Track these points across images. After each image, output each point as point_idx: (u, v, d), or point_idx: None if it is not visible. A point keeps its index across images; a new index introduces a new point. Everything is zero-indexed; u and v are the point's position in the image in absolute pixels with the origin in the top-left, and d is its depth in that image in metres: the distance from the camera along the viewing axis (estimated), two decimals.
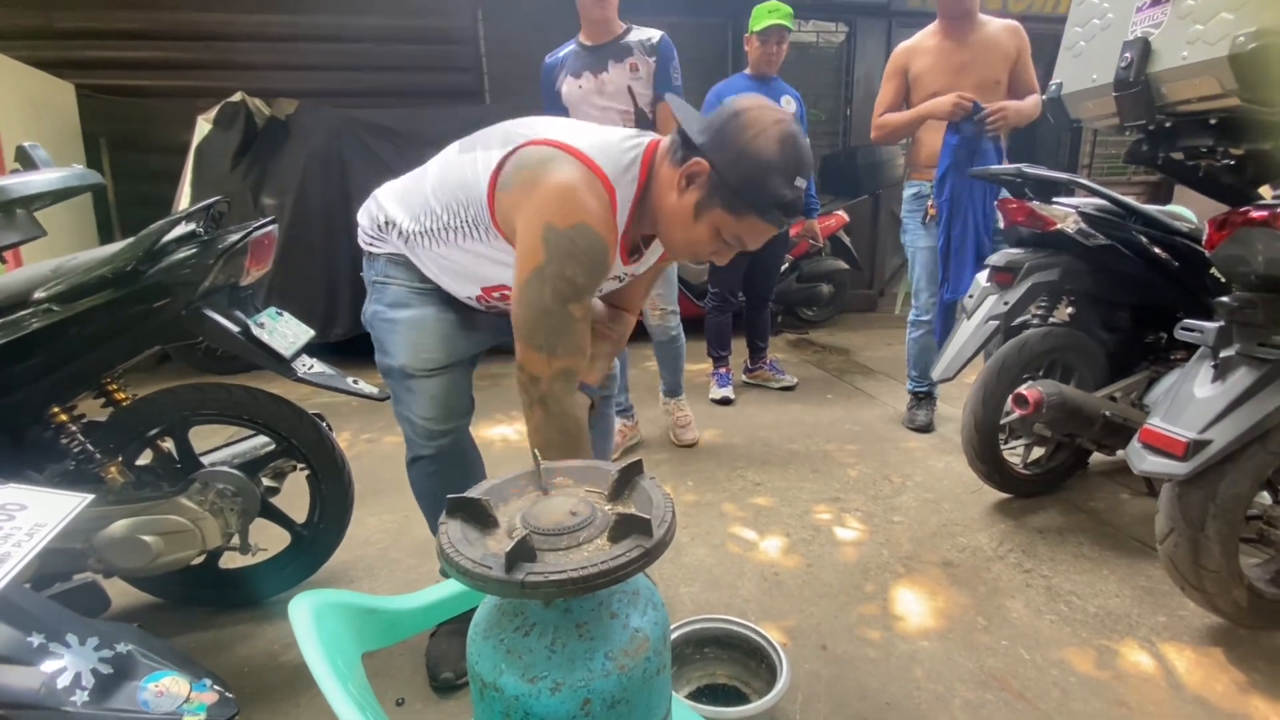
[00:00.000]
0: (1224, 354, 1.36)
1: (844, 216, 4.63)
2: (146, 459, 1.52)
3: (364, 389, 1.56)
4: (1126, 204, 1.95)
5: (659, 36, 2.28)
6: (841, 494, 2.25)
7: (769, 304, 3.52)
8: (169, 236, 1.34)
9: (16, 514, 0.66)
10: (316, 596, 0.81)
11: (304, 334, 1.55)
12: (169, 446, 1.52)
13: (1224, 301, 1.37)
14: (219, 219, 1.48)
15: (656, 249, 1.30)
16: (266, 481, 1.59)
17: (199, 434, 1.52)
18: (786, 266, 4.46)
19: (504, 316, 1.32)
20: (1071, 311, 2.21)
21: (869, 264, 5.58)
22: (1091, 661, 1.44)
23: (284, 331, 1.50)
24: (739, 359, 3.51)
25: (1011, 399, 1.89)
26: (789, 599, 1.67)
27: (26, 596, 0.71)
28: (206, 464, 1.50)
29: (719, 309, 3.24)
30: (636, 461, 0.82)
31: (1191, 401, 1.36)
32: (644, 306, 2.15)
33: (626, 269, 1.27)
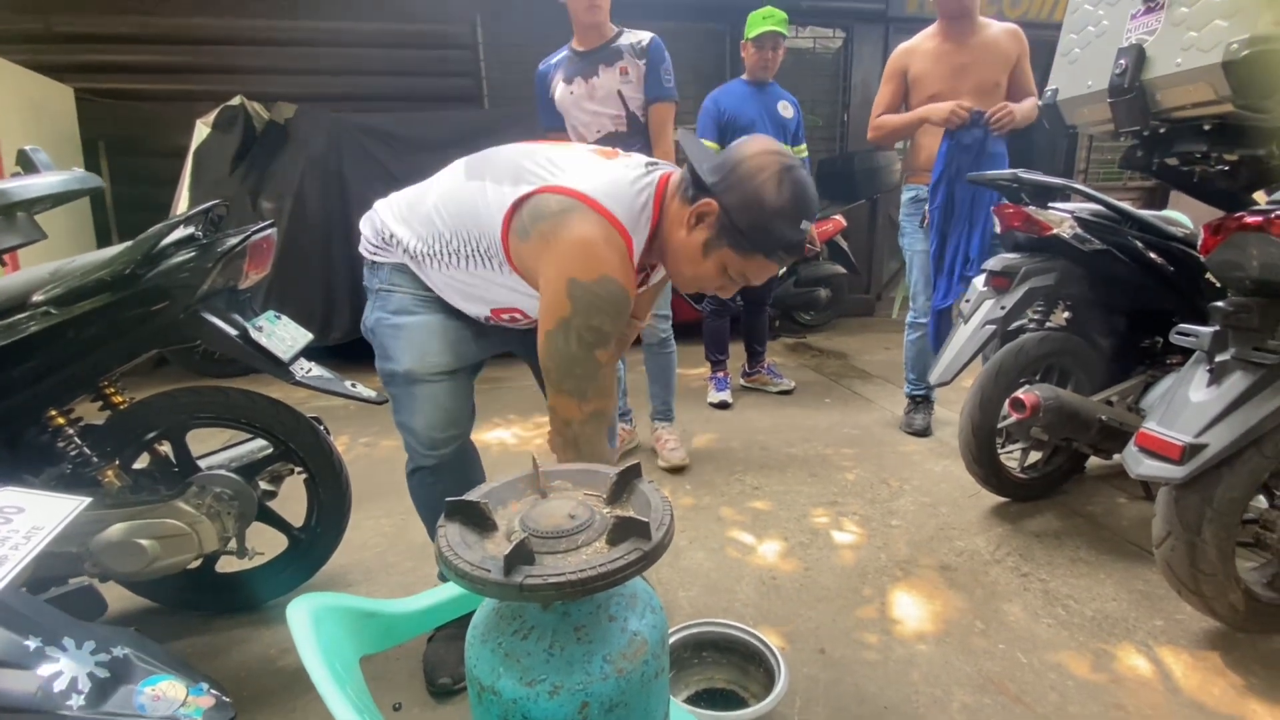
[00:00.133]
0: (1219, 358, 1.37)
1: (841, 221, 4.64)
2: (143, 462, 1.52)
3: (362, 392, 1.56)
4: (1122, 209, 1.95)
5: (649, 39, 2.28)
6: (839, 498, 2.25)
7: (767, 308, 3.53)
8: (168, 240, 1.34)
9: (14, 517, 0.66)
10: (314, 599, 0.81)
11: (302, 337, 1.55)
12: (166, 450, 1.52)
13: (1219, 306, 1.37)
14: (218, 222, 1.48)
15: (663, 268, 1.31)
16: (264, 485, 1.59)
17: (196, 437, 1.52)
18: (784, 271, 4.48)
19: (512, 330, 1.35)
20: (1068, 316, 2.22)
21: (866, 268, 5.59)
22: (1089, 665, 1.44)
23: (282, 335, 1.50)
24: (737, 363, 3.52)
25: (1009, 403, 1.89)
26: (787, 603, 1.67)
27: (23, 600, 0.71)
28: (204, 467, 1.50)
29: (717, 313, 3.25)
30: (635, 465, 0.82)
31: (1187, 406, 1.37)
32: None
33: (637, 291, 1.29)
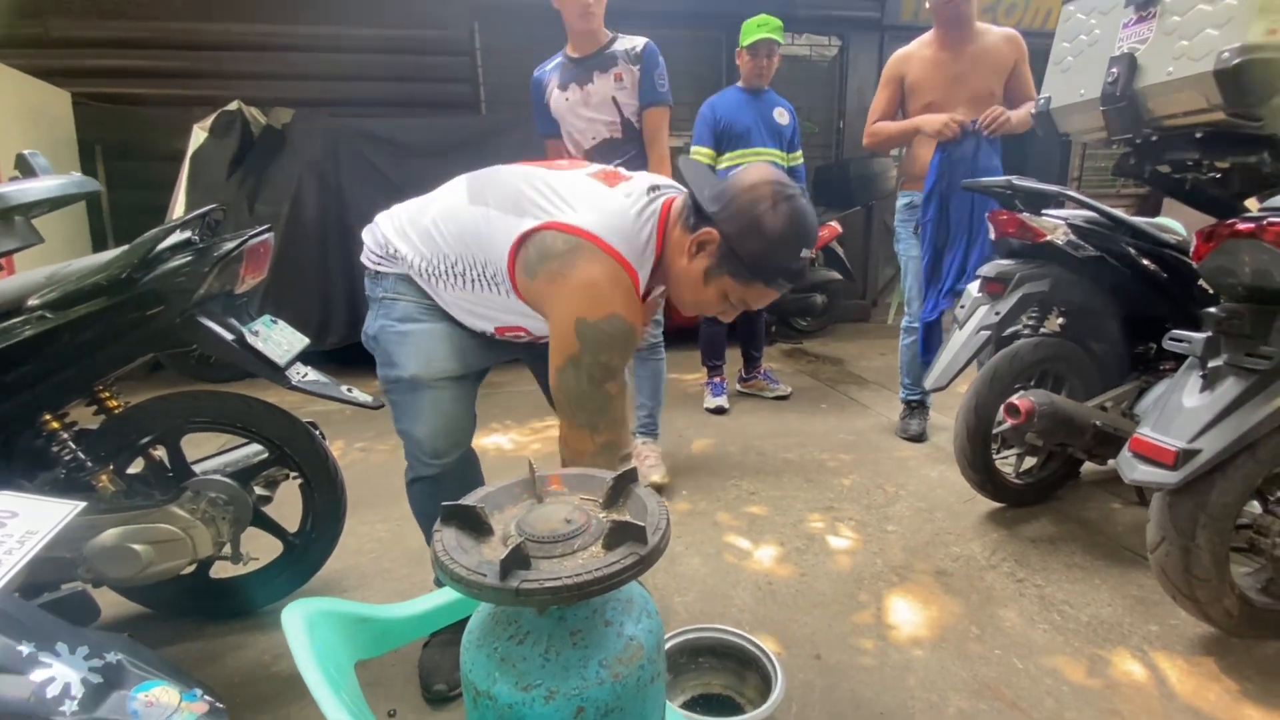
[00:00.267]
0: (1212, 364, 1.37)
1: (837, 228, 4.67)
2: (138, 467, 1.51)
3: (358, 397, 1.56)
4: (1115, 216, 1.97)
5: (643, 44, 2.27)
6: (835, 503, 2.25)
7: (763, 314, 3.54)
8: (164, 244, 1.34)
9: (8, 521, 0.65)
10: (309, 605, 0.81)
11: (298, 342, 1.55)
12: (161, 455, 1.51)
13: (1211, 312, 1.38)
14: (214, 227, 1.48)
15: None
16: (259, 490, 1.58)
17: (191, 442, 1.52)
18: None
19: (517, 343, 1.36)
20: (1062, 322, 2.23)
21: (862, 274, 5.62)
22: (1084, 670, 1.44)
23: (279, 339, 1.50)
24: (733, 368, 3.52)
25: (1004, 408, 1.90)
26: (783, 608, 1.67)
27: (16, 605, 0.70)
28: (199, 472, 1.49)
29: (713, 319, 3.25)
30: (631, 469, 0.82)
31: (1180, 411, 1.38)
32: None
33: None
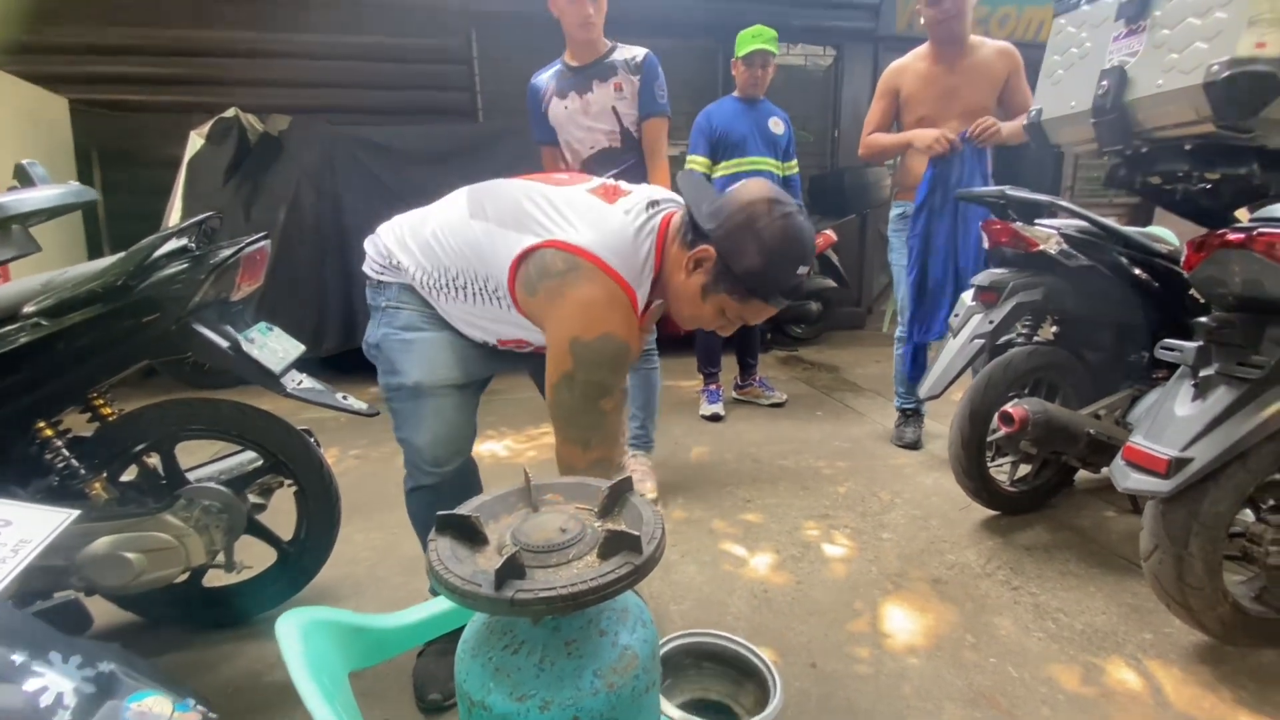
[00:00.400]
0: (1203, 373, 1.38)
1: (832, 236, 4.68)
2: (131, 475, 1.50)
3: (353, 405, 1.56)
4: (1106, 226, 1.98)
5: (643, 55, 2.26)
6: (831, 510, 2.26)
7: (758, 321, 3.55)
8: (160, 251, 1.34)
9: (2, 530, 0.65)
10: (303, 614, 0.81)
11: (294, 349, 1.55)
12: (155, 462, 1.51)
13: (1203, 322, 1.39)
14: (211, 234, 1.48)
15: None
16: (253, 498, 1.57)
17: (185, 449, 1.51)
18: None
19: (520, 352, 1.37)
20: (1056, 330, 2.24)
21: (857, 282, 5.64)
22: (1079, 679, 1.45)
23: (274, 347, 1.50)
24: (729, 375, 3.53)
25: (998, 416, 1.90)
26: (778, 616, 1.67)
27: (9, 613, 0.70)
28: (193, 480, 1.49)
29: None
30: (627, 478, 0.82)
31: (1172, 420, 1.38)
32: None
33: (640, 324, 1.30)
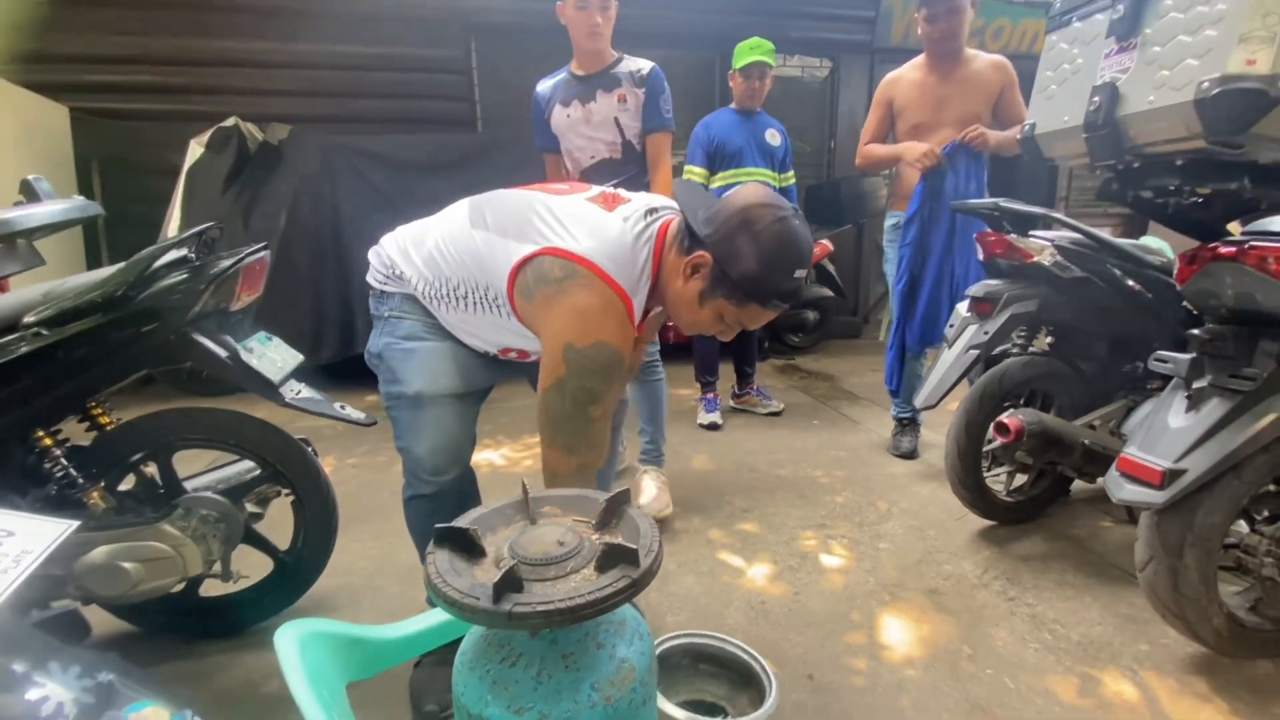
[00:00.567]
0: (1197, 385, 1.39)
1: (828, 245, 4.71)
2: (129, 484, 1.50)
3: (351, 414, 1.56)
4: (1100, 238, 2.00)
5: (649, 68, 2.26)
6: (828, 520, 2.26)
7: (756, 330, 3.56)
8: (160, 261, 1.34)
9: (4, 540, 0.66)
10: (302, 625, 0.81)
11: (292, 359, 1.55)
12: (152, 471, 1.51)
13: (1196, 334, 1.40)
14: (211, 245, 1.49)
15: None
16: (250, 507, 1.58)
17: (183, 458, 1.51)
18: None
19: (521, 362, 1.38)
20: (1051, 341, 2.25)
21: (853, 292, 5.66)
22: (1075, 690, 1.45)
23: (273, 356, 1.50)
24: (726, 384, 3.54)
25: (993, 427, 1.91)
26: (775, 628, 1.67)
27: (10, 624, 0.70)
28: (190, 489, 1.49)
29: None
30: (624, 490, 0.83)
31: (1166, 431, 1.39)
32: None
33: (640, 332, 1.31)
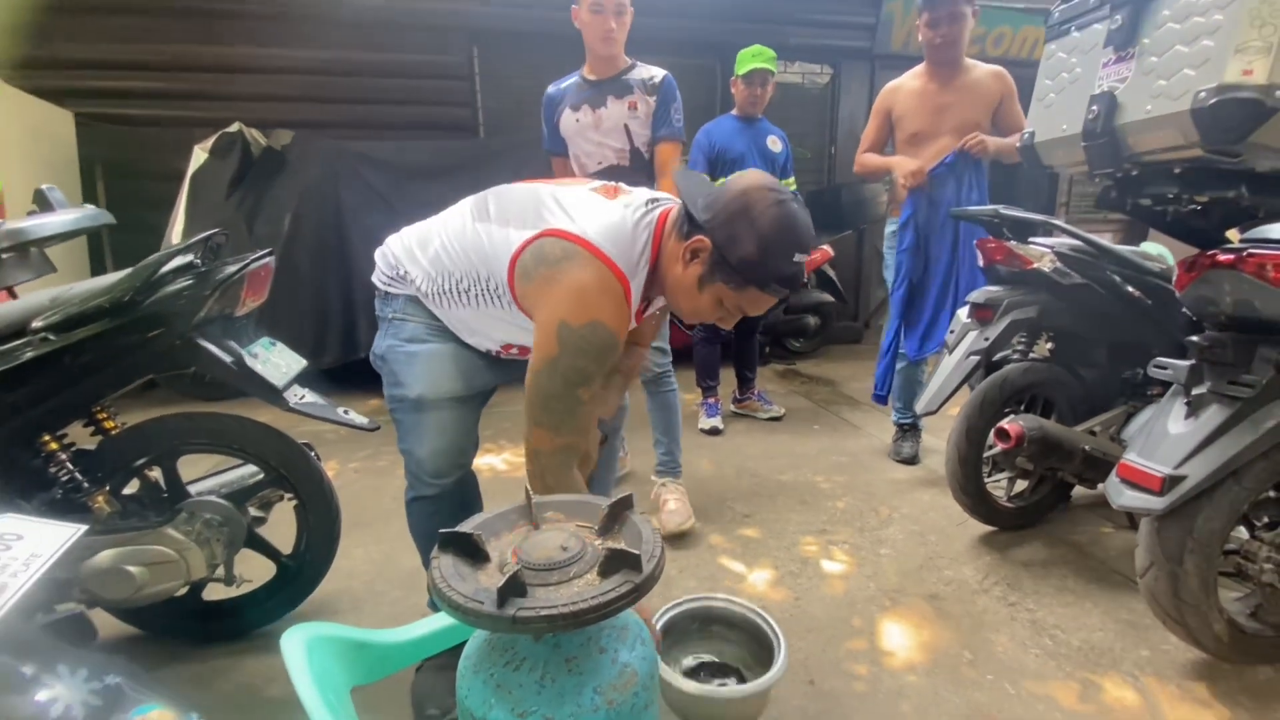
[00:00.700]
0: (1196, 391, 1.40)
1: (829, 251, 4.71)
2: (134, 488, 1.51)
3: (354, 419, 1.57)
4: (1099, 245, 2.01)
5: (661, 76, 2.24)
6: (829, 525, 2.26)
7: (757, 335, 3.57)
8: (167, 267, 1.36)
9: (13, 544, 0.66)
10: (308, 629, 0.81)
11: (296, 364, 1.56)
12: (157, 475, 1.51)
13: (1195, 341, 1.41)
14: (217, 250, 1.50)
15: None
16: (254, 511, 1.58)
17: (187, 462, 1.52)
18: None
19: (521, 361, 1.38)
20: (1051, 347, 2.26)
21: (854, 297, 5.67)
22: (1076, 696, 1.45)
23: (277, 362, 1.51)
24: (727, 389, 3.54)
25: (994, 433, 1.92)
26: None
27: (19, 626, 0.71)
28: (194, 493, 1.50)
29: (708, 340, 3.28)
30: (627, 496, 0.83)
31: (1166, 437, 1.40)
32: None
33: (638, 321, 1.32)
